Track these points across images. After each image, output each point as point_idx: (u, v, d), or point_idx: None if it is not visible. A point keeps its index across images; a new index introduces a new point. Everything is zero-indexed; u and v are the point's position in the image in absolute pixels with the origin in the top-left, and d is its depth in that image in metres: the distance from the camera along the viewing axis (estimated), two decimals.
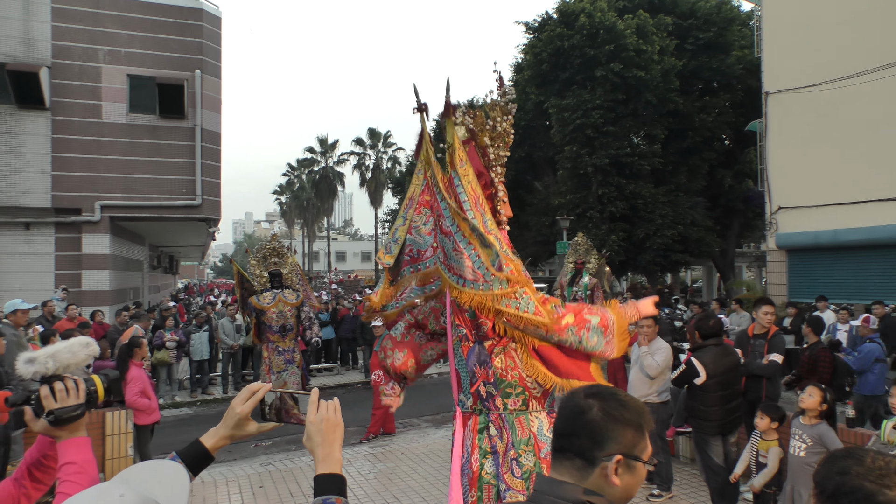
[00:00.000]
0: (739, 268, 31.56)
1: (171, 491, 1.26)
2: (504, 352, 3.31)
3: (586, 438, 1.33)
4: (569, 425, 1.37)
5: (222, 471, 7.40)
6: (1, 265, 13.96)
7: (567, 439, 1.37)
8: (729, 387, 5.36)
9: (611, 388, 1.45)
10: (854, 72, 13.05)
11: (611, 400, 1.37)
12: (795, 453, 4.41)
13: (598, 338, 3.21)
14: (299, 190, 56.93)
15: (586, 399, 1.38)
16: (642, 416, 1.38)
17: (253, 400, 1.51)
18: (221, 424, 1.54)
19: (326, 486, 1.36)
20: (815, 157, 13.89)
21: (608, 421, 1.33)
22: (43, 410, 1.67)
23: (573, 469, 1.34)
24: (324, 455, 1.40)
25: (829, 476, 1.35)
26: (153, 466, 1.32)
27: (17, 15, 14.18)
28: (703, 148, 21.42)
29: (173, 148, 15.40)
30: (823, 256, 14.18)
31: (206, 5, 16.25)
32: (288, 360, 9.08)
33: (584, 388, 1.45)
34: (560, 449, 1.38)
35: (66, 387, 1.70)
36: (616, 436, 1.32)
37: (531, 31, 22.56)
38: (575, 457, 1.34)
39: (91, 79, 14.81)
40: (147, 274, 22.50)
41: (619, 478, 1.31)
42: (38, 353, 1.77)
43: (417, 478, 6.94)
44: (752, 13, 20.57)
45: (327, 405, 1.46)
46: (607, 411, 1.34)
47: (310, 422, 1.43)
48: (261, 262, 9.51)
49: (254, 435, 1.54)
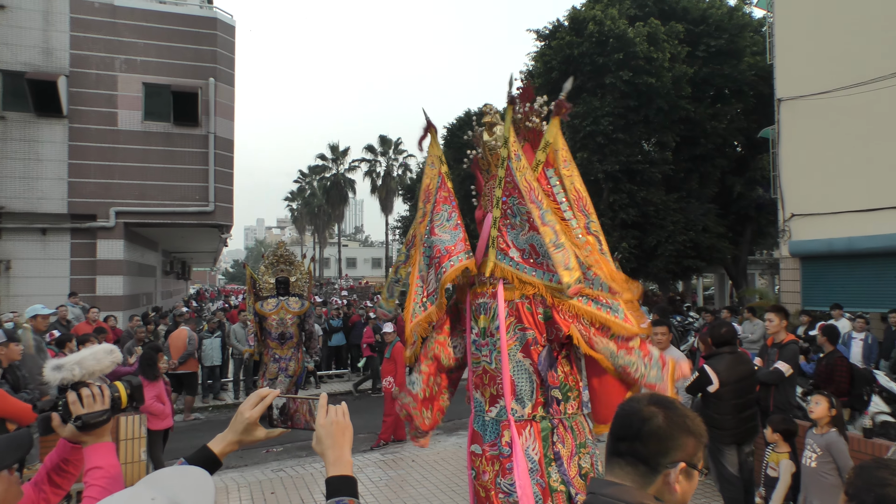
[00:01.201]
0: (752, 275, 31.28)
1: (198, 496, 1.28)
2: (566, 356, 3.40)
3: (653, 445, 1.36)
4: (632, 431, 1.39)
5: (234, 476, 7.44)
6: (18, 270, 14.15)
7: (629, 444, 1.39)
8: (743, 395, 5.31)
9: (670, 398, 1.48)
10: (868, 78, 12.95)
11: (674, 409, 1.41)
12: (807, 463, 4.38)
13: (658, 371, 3.20)
14: (310, 196, 57.23)
15: (650, 406, 1.40)
16: (701, 426, 1.43)
17: (262, 405, 1.52)
18: (229, 430, 1.54)
19: (339, 488, 1.38)
20: (829, 163, 13.78)
21: (674, 429, 1.36)
22: (70, 416, 1.70)
23: (634, 474, 1.37)
24: (335, 457, 1.42)
25: (868, 488, 1.37)
26: (178, 472, 1.34)
27: (37, 25, 14.43)
28: (715, 155, 21.30)
29: (187, 155, 15.57)
30: (838, 264, 14.03)
31: (220, 14, 16.45)
32: (282, 368, 9.03)
33: (646, 395, 1.48)
34: (620, 453, 1.40)
35: (92, 393, 1.74)
36: (681, 444, 1.36)
37: (542, 39, 22.58)
38: (638, 462, 1.37)
39: (107, 87, 15.02)
40: (160, 279, 22.68)
41: (680, 485, 1.35)
42: (65, 360, 1.81)
43: (428, 485, 6.93)
44: (765, 20, 20.49)
45: (336, 409, 1.48)
46: (673, 420, 1.38)
47: (319, 425, 1.45)
48: (269, 268, 9.56)
49: (262, 440, 1.55)
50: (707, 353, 5.76)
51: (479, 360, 3.53)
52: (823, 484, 4.21)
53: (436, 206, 3.70)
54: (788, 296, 14.99)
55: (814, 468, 4.31)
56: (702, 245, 20.41)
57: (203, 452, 1.50)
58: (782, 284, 15.77)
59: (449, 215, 3.64)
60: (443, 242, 3.56)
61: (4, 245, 14.08)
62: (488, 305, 3.47)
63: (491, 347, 3.45)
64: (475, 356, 3.56)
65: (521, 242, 3.37)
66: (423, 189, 3.84)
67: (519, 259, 3.34)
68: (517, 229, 3.38)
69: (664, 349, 6.12)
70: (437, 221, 3.66)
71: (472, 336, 3.57)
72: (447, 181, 3.72)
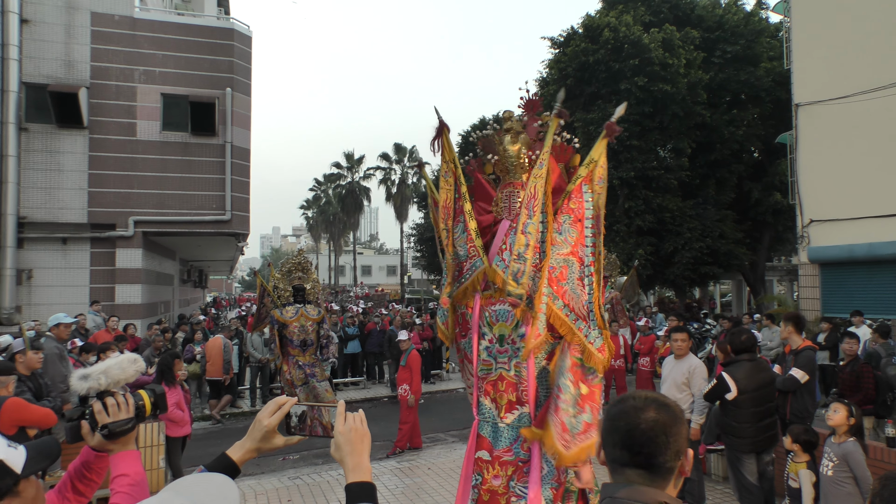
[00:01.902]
0: (770, 282, 30.92)
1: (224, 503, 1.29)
2: None
3: (671, 451, 1.38)
4: (648, 445, 1.38)
5: (251, 484, 7.47)
6: (39, 279, 14.38)
7: (647, 458, 1.38)
8: (763, 403, 5.25)
9: (649, 393, 1.49)
10: (886, 82, 12.79)
11: (665, 406, 1.43)
12: (824, 472, 4.36)
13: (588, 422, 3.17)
14: (326, 205, 57.57)
15: (648, 412, 1.40)
16: (680, 408, 1.47)
17: (280, 413, 1.52)
18: (248, 437, 1.55)
19: (359, 494, 1.39)
20: (848, 168, 13.62)
21: (677, 426, 1.40)
22: (97, 424, 1.73)
23: (650, 476, 1.38)
24: (354, 464, 1.43)
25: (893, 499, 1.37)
26: (203, 479, 1.35)
27: (59, 39, 14.72)
28: (732, 160, 21.15)
29: (204, 164, 15.75)
30: (858, 270, 13.83)
31: (238, 25, 16.66)
32: (309, 374, 9.10)
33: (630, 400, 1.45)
34: (638, 466, 1.39)
35: (116, 402, 1.77)
36: (684, 434, 1.41)
37: (556, 47, 22.60)
38: (657, 468, 1.38)
39: (127, 98, 15.26)
40: (177, 288, 22.92)
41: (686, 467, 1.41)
42: (92, 370, 1.85)
43: (445, 493, 6.91)
44: (781, 25, 20.34)
45: (354, 416, 1.49)
46: (673, 418, 1.41)
47: (338, 432, 1.45)
48: (285, 276, 9.62)
49: (280, 448, 1.55)
50: (725, 360, 5.70)
51: (493, 366, 3.49)
52: (840, 493, 4.17)
53: (456, 219, 3.66)
54: (808, 302, 14.79)
55: (830, 476, 4.28)
56: (719, 251, 20.24)
57: (222, 460, 1.51)
58: (801, 291, 15.56)
59: (465, 227, 3.60)
60: (459, 258, 3.62)
61: (26, 254, 14.32)
62: (508, 313, 3.45)
63: (510, 355, 3.43)
64: (487, 363, 3.52)
65: None
66: (442, 206, 3.70)
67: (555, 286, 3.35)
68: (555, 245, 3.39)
69: (683, 355, 6.07)
70: (456, 234, 3.64)
71: (485, 343, 3.53)
72: (462, 187, 3.66)
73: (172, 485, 1.33)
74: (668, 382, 6.08)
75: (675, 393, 5.94)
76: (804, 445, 4.65)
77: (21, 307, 13.99)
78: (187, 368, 11.54)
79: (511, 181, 3.75)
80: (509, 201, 3.69)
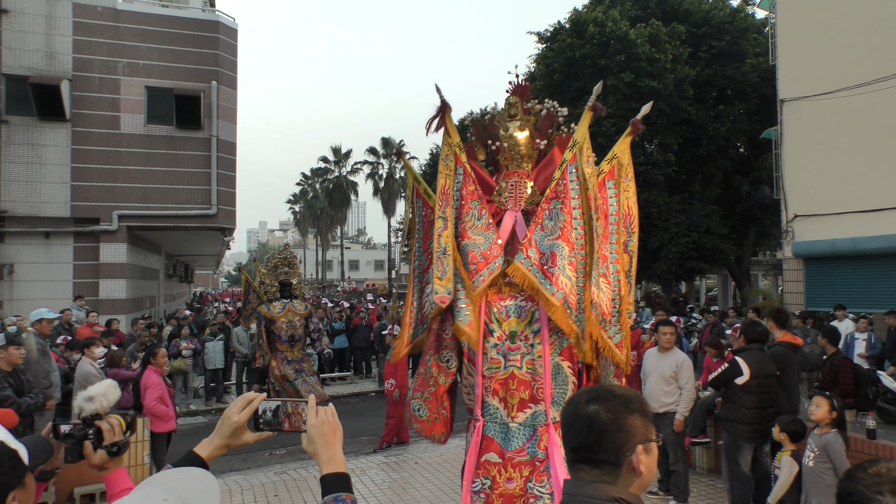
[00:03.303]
0: (755, 276, 31.24)
1: (206, 496, 1.28)
2: None
3: (608, 445, 1.36)
4: (585, 438, 1.39)
5: (237, 479, 7.44)
6: (21, 274, 14.18)
7: (586, 452, 1.39)
8: (767, 392, 5.34)
9: (604, 387, 1.48)
10: (870, 79, 12.93)
11: (612, 396, 1.41)
12: (806, 463, 4.45)
13: None
14: (313, 199, 57.27)
15: (589, 405, 1.40)
16: (641, 400, 1.44)
17: (249, 409, 1.51)
18: (216, 434, 1.53)
19: (335, 485, 1.40)
20: (832, 164, 13.76)
21: (619, 418, 1.37)
22: (100, 443, 1.82)
23: (601, 473, 1.38)
24: (328, 456, 1.44)
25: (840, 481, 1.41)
26: (180, 473, 1.34)
27: (40, 30, 14.48)
28: (718, 156, 21.29)
29: (189, 158, 15.59)
30: (842, 265, 14.00)
31: (223, 17, 16.49)
32: (297, 369, 9.07)
33: (581, 394, 1.47)
34: (581, 460, 1.40)
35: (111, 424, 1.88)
36: (631, 429, 1.37)
37: (543, 41, 22.59)
38: (600, 463, 1.37)
39: (110, 91, 15.06)
40: (163, 282, 22.71)
41: (643, 464, 1.37)
42: (94, 392, 1.99)
43: (431, 487, 6.92)
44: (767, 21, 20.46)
45: (325, 410, 1.51)
46: (614, 409, 1.38)
47: (311, 426, 1.46)
48: (272, 271, 9.56)
49: (250, 444, 1.54)
50: (737, 348, 5.79)
51: (503, 365, 3.37)
52: (821, 484, 4.26)
53: (464, 206, 3.44)
54: (792, 296, 14.96)
55: (811, 468, 4.38)
56: (705, 246, 20.39)
57: (190, 457, 1.49)
58: (786, 285, 15.74)
59: (479, 213, 3.41)
60: (478, 247, 3.39)
61: (8, 249, 14.12)
62: (523, 308, 3.36)
63: (523, 352, 3.34)
64: (495, 361, 3.39)
65: (545, 246, 3.29)
66: (439, 192, 3.44)
67: (536, 262, 3.27)
68: (546, 232, 3.32)
69: (669, 349, 6.12)
70: (469, 222, 3.42)
71: (493, 340, 3.40)
72: (471, 173, 3.45)
73: (151, 479, 1.31)
74: (653, 376, 6.11)
75: (663, 386, 5.98)
76: (791, 435, 4.72)
77: (2, 302, 13.80)
78: (172, 364, 11.45)
79: (516, 170, 3.63)
80: (515, 191, 3.56)
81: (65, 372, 7.67)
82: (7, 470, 1.36)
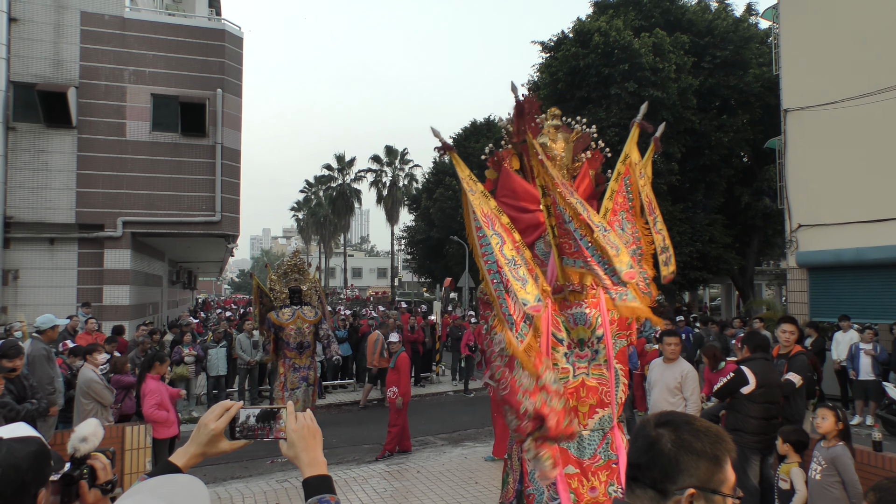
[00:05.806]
0: (759, 286, 31.15)
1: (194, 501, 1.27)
2: None
3: (658, 471, 1.28)
4: (641, 456, 1.33)
5: (239, 487, 7.42)
6: (25, 280, 14.23)
7: (640, 470, 1.33)
8: (773, 401, 5.32)
9: (685, 416, 1.38)
10: (874, 89, 12.93)
11: (684, 429, 1.31)
12: (813, 476, 4.38)
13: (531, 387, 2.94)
14: (316, 206, 57.43)
15: (657, 429, 1.33)
16: (719, 445, 1.30)
17: (226, 417, 1.50)
18: (192, 442, 1.52)
19: (319, 487, 1.41)
20: (836, 174, 13.75)
21: (680, 452, 1.27)
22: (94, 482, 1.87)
23: (646, 499, 1.31)
24: (309, 459, 1.45)
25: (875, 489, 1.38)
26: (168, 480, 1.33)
27: (48, 38, 14.60)
28: (721, 165, 21.29)
29: (194, 165, 15.66)
30: (846, 275, 13.96)
31: (229, 26, 16.60)
32: (303, 377, 9.08)
33: (656, 416, 1.40)
34: (634, 479, 1.35)
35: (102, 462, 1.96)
36: (688, 468, 1.26)
37: (547, 51, 22.68)
38: (648, 488, 1.30)
39: (116, 98, 15.16)
40: (166, 289, 22.75)
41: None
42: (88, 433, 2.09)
43: (434, 496, 6.90)
44: (770, 31, 20.52)
45: (304, 415, 1.52)
46: (679, 442, 1.29)
47: (291, 430, 1.47)
48: (281, 277, 9.57)
49: (226, 452, 1.53)
50: (741, 358, 5.79)
51: (572, 373, 3.36)
52: (828, 497, 4.18)
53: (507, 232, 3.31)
54: (796, 307, 14.90)
55: (818, 481, 4.30)
56: (708, 256, 20.35)
57: (166, 467, 1.48)
58: (789, 295, 15.68)
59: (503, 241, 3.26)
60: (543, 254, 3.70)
61: (13, 255, 14.17)
62: (586, 316, 3.38)
63: (590, 358, 3.37)
64: (564, 371, 3.35)
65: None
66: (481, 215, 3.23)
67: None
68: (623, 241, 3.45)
69: (674, 359, 6.10)
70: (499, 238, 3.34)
71: (562, 349, 3.37)
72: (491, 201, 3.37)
73: (138, 486, 1.30)
74: (658, 386, 6.09)
75: (668, 397, 5.95)
76: (795, 446, 4.68)
77: (7, 308, 13.84)
78: (175, 370, 11.46)
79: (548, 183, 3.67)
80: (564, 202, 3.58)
81: (67, 378, 7.67)
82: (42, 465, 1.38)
